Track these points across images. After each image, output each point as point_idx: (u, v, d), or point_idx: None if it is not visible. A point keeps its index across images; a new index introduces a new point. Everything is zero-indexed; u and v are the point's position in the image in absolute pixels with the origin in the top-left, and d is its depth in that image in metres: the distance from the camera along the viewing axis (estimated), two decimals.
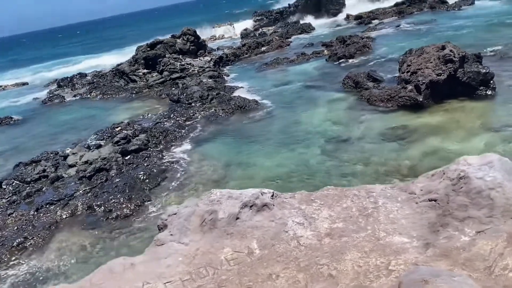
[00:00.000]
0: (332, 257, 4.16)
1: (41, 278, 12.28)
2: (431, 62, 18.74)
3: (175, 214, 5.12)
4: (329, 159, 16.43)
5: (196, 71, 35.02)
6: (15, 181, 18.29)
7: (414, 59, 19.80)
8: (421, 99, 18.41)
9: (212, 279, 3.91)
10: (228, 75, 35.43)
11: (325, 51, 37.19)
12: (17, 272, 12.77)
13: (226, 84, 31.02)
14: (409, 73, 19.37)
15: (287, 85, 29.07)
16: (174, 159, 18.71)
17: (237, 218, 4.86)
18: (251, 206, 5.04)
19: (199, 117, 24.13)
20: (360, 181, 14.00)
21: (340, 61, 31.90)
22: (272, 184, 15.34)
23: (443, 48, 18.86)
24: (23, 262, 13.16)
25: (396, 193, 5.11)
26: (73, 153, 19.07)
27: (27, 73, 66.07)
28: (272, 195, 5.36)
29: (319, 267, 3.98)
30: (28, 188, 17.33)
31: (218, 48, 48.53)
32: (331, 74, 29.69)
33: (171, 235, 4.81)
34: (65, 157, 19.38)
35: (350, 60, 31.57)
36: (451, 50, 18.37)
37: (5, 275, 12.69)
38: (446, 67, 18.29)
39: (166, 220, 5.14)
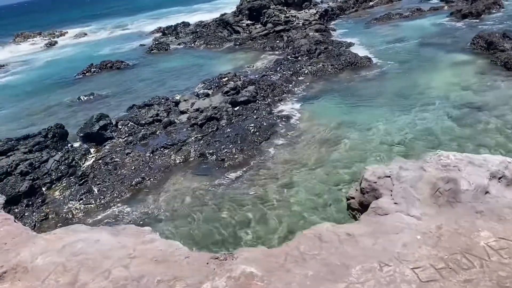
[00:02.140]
0: None
1: (156, 217, 12.58)
2: None
3: (389, 177, 4.31)
4: (460, 127, 14.64)
5: (300, 24, 33.57)
6: (130, 123, 18.99)
7: None
8: None
9: (483, 273, 3.04)
10: (334, 30, 33.52)
11: (445, 7, 33.47)
12: (135, 209, 13.22)
13: (333, 39, 29.29)
14: None
15: (402, 43, 26.66)
16: (282, 114, 18.08)
17: (486, 192, 3.91)
18: (499, 178, 4.06)
19: (306, 72, 23.05)
20: (505, 155, 12.25)
21: (465, 18, 28.36)
22: (393, 150, 14.13)
23: None
24: (141, 201, 13.60)
25: None
26: (185, 100, 19.26)
27: (129, 21, 68.98)
28: None
29: None
30: (143, 130, 17.87)
31: (322, 1, 46.08)
32: (453, 32, 26.60)
33: (395, 203, 4.01)
34: (177, 103, 19.65)
35: (477, 18, 27.92)
36: None
37: (124, 211, 13.22)
38: None
39: (375, 182, 4.37)
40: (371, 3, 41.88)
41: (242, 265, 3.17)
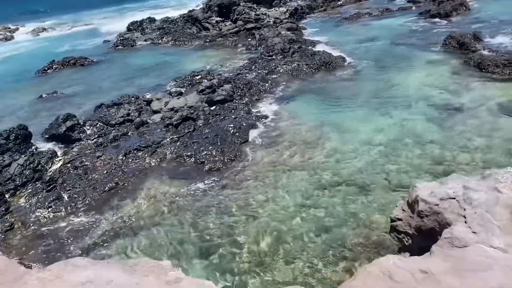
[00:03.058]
0: None
1: (133, 227, 11.78)
2: None
3: (454, 198, 3.85)
4: (440, 129, 14.65)
5: (271, 22, 33.20)
6: (99, 123, 17.96)
7: None
8: None
9: None
10: (305, 28, 33.30)
11: (413, 7, 34.07)
12: (109, 218, 12.33)
13: (306, 38, 29.08)
14: None
15: (374, 42, 26.76)
16: (261, 114, 17.59)
17: None
18: None
19: (282, 71, 22.63)
20: (485, 157, 12.32)
21: (434, 19, 28.87)
22: (376, 150, 13.95)
23: None
24: (115, 208, 12.73)
25: None
26: (157, 99, 18.40)
27: (90, 17, 66.21)
28: None
29: None
30: (114, 131, 16.90)
31: (291, 0, 45.83)
32: (424, 32, 26.98)
33: (473, 232, 3.54)
34: (148, 102, 18.75)
35: (446, 19, 28.49)
36: None
37: (98, 220, 12.30)
38: None
39: (436, 205, 3.88)
40: (339, 2, 42.07)
41: None
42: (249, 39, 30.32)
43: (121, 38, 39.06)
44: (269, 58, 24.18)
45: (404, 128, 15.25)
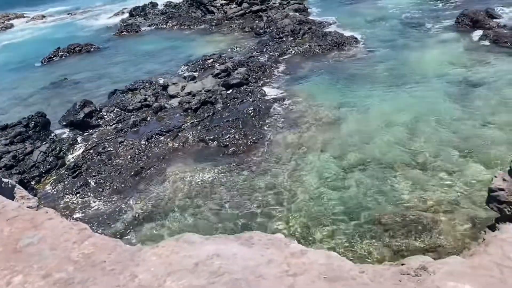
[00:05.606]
0: None
1: (163, 209, 11.86)
2: None
3: None
4: (461, 105, 14.70)
5: (277, 3, 32.82)
6: (116, 109, 17.92)
7: None
8: None
9: None
10: (310, 8, 32.99)
11: None
12: (140, 202, 12.36)
13: (314, 18, 28.81)
14: None
15: (383, 21, 26.54)
16: (278, 96, 17.57)
17: None
18: None
19: (294, 52, 22.54)
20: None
21: None
22: (398, 129, 13.99)
23: None
24: (144, 192, 12.79)
25: None
26: (174, 83, 18.32)
27: (89, 3, 65.33)
28: None
29: None
30: (133, 116, 16.89)
31: None
32: (433, 11, 26.77)
33: None
34: (164, 87, 18.67)
35: None
36: None
37: (127, 204, 12.38)
38: None
39: None
40: None
41: (451, 282, 2.62)
42: (256, 22, 30.02)
43: (125, 24, 38.64)
44: (280, 40, 24.01)
45: (425, 106, 15.25)
